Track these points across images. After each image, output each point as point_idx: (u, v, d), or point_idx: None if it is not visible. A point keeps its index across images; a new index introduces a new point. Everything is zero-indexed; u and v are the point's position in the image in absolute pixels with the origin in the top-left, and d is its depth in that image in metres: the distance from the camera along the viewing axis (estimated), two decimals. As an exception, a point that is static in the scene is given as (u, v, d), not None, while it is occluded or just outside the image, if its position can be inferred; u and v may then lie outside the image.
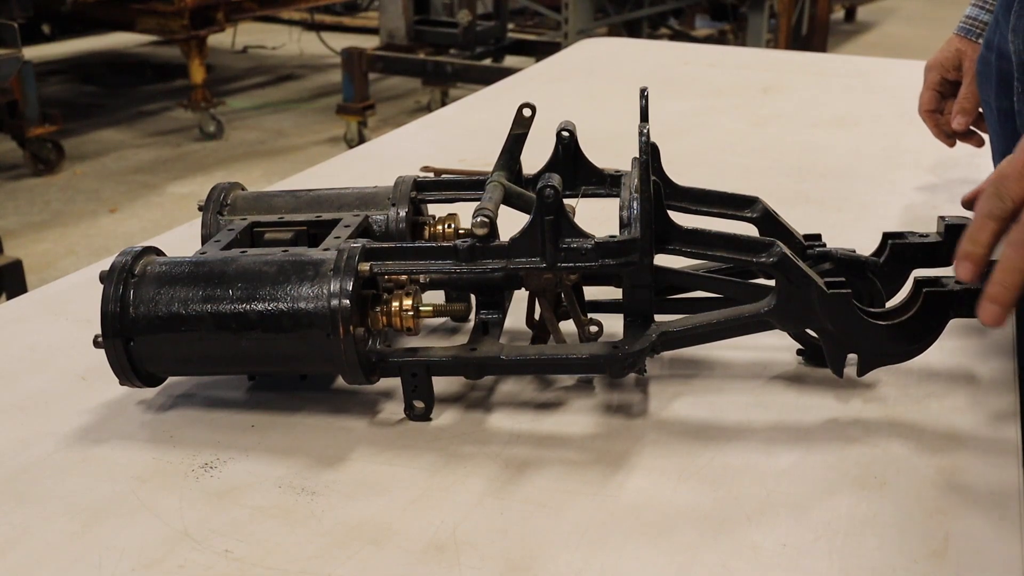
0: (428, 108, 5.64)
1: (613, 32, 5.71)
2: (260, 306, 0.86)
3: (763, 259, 0.89)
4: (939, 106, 1.45)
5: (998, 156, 1.22)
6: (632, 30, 5.82)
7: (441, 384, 0.94)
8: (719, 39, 6.42)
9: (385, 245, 0.91)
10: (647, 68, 2.35)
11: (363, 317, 0.88)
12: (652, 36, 6.03)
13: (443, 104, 5.26)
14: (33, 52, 6.02)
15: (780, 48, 5.90)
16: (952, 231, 0.98)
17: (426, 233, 1.07)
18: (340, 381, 0.97)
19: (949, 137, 1.45)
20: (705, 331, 0.90)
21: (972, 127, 1.42)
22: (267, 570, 0.73)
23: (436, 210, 1.10)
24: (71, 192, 4.58)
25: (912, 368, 0.96)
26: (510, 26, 6.45)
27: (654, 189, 0.87)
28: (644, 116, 0.92)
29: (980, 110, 1.37)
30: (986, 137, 1.38)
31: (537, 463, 0.85)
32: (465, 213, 0.99)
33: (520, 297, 1.02)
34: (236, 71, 6.86)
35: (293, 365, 0.90)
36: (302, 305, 0.85)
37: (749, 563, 0.73)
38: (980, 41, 1.33)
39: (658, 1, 5.99)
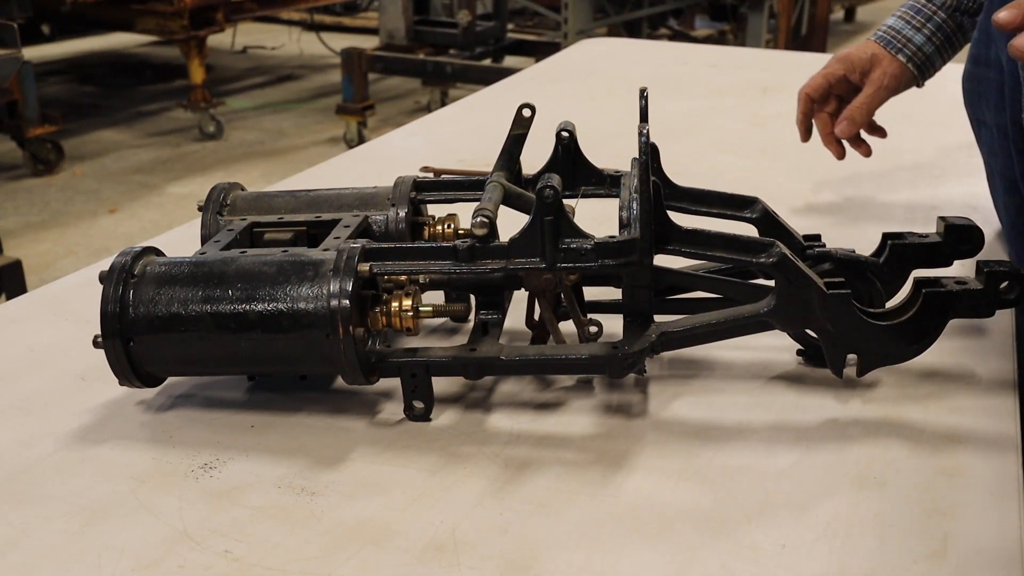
0: (428, 108, 5.64)
1: (613, 32, 5.71)
2: (260, 306, 0.86)
3: (763, 259, 0.89)
4: (822, 99, 1.36)
5: (997, 176, 1.18)
6: (632, 30, 5.82)
7: (441, 384, 0.94)
8: (719, 39, 6.41)
9: (385, 245, 0.91)
10: (647, 68, 2.35)
11: (363, 317, 0.88)
12: (652, 36, 6.02)
13: (443, 104, 5.26)
14: (33, 52, 6.02)
15: (780, 48, 5.90)
16: (952, 231, 0.98)
17: (426, 233, 1.07)
18: (340, 381, 0.97)
19: (831, 140, 1.36)
20: (705, 331, 0.90)
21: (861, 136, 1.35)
22: (267, 570, 0.73)
23: (436, 210, 1.10)
24: (71, 192, 4.58)
25: (912, 368, 0.96)
26: (510, 26, 6.44)
27: (654, 189, 0.87)
28: (644, 116, 0.92)
29: (854, 126, 1.30)
30: (974, 155, 1.30)
31: (537, 463, 0.85)
32: (465, 213, 0.99)
33: (520, 297, 1.02)
34: (236, 71, 6.85)
35: (293, 365, 0.90)
36: (302, 305, 0.85)
37: (749, 563, 0.73)
38: (898, 55, 1.28)
39: (658, 1, 5.99)
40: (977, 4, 1.28)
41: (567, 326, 0.96)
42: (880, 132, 1.40)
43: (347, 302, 0.84)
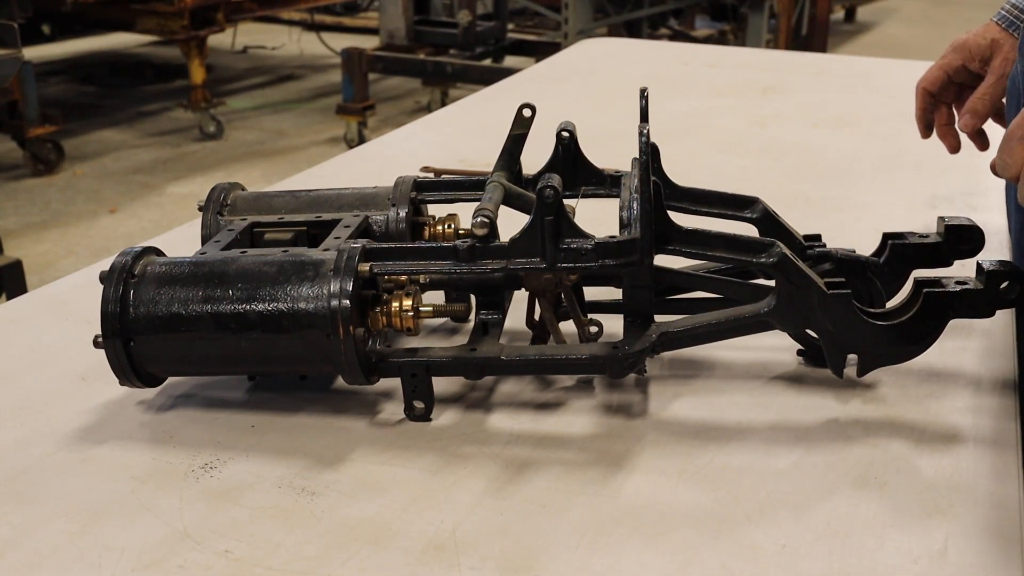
0: (428, 108, 5.64)
1: (613, 32, 5.71)
2: (260, 306, 0.86)
3: (763, 259, 0.89)
4: (941, 91, 1.26)
5: (1012, 188, 1.12)
6: (632, 30, 5.81)
7: (441, 384, 0.94)
8: (719, 39, 6.41)
9: (385, 245, 0.91)
10: (647, 68, 2.35)
11: (363, 317, 0.88)
12: (652, 36, 6.02)
13: (443, 104, 5.26)
14: (33, 52, 6.02)
15: (780, 48, 5.90)
16: (952, 231, 0.98)
17: (426, 233, 1.07)
18: (340, 381, 0.97)
19: (948, 132, 1.27)
20: (705, 331, 0.90)
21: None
22: (267, 570, 0.73)
23: (436, 210, 1.10)
24: (71, 192, 4.57)
25: (912, 368, 0.96)
26: (510, 26, 6.44)
27: (654, 189, 0.87)
28: (644, 116, 0.92)
29: (987, 118, 1.21)
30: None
31: (537, 463, 0.85)
32: (465, 213, 0.99)
33: (520, 297, 1.02)
34: (236, 71, 6.85)
35: (293, 365, 0.90)
36: (302, 305, 0.85)
37: (749, 563, 0.73)
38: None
39: (658, 1, 5.99)
40: None
41: (567, 326, 0.96)
42: (1004, 121, 1.24)
43: (347, 302, 0.84)
